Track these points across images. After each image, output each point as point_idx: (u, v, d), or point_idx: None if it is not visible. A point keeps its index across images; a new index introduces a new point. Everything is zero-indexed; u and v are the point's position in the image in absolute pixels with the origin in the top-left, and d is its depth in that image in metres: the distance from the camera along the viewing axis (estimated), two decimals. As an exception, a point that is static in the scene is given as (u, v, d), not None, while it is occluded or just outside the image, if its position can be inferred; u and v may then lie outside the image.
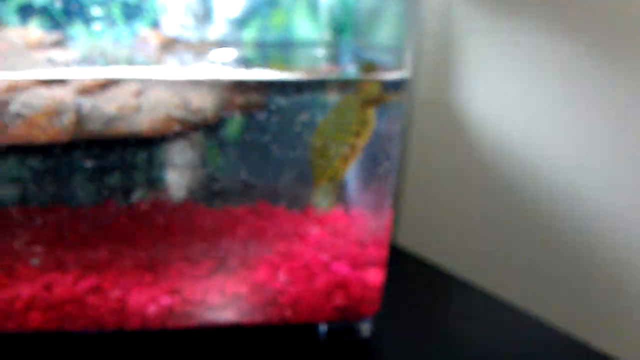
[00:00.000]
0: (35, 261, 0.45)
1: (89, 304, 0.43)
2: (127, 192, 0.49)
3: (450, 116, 0.59)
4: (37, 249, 0.45)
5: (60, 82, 0.42)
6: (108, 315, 0.43)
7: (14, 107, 0.41)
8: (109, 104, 0.42)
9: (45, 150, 0.44)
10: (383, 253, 0.45)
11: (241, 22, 0.53)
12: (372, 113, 0.43)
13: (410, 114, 0.59)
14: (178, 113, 0.43)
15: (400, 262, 0.60)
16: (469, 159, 0.58)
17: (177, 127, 0.43)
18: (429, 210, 0.63)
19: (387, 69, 0.44)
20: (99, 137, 0.43)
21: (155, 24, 0.52)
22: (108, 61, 0.47)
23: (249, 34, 0.54)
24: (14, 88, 0.41)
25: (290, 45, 0.54)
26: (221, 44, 0.52)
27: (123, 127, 0.42)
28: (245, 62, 0.51)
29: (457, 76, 0.57)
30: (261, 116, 0.47)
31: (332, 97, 0.49)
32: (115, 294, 0.43)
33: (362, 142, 0.43)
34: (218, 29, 0.53)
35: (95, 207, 0.48)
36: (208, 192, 0.49)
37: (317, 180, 0.46)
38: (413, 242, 0.64)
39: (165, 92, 0.43)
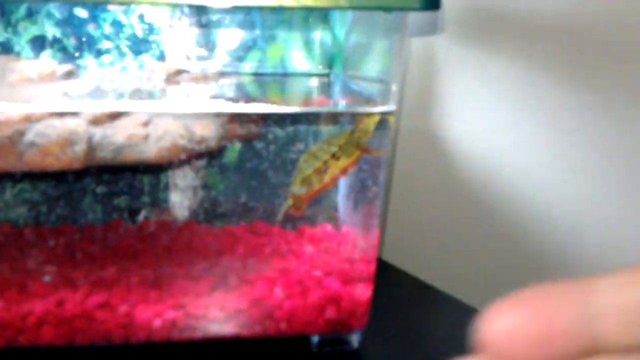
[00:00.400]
0: (47, 278, 0.48)
1: (97, 319, 0.46)
2: (134, 213, 0.53)
3: (432, 142, 0.62)
4: (49, 267, 0.48)
5: (73, 113, 0.45)
6: (116, 329, 0.46)
7: (28, 137, 0.44)
8: (118, 133, 0.45)
9: (58, 176, 0.48)
10: (371, 269, 0.49)
11: (241, 55, 0.57)
12: (357, 153, 0.47)
13: (395, 141, 0.62)
14: (183, 142, 0.46)
15: (386, 275, 0.63)
16: (450, 182, 0.62)
17: (182, 156, 0.46)
18: (411, 229, 0.67)
19: (375, 102, 0.48)
20: (109, 164, 0.46)
21: (161, 57, 0.55)
22: (118, 92, 0.50)
23: (248, 65, 0.57)
24: (29, 119, 0.44)
25: (286, 77, 0.58)
26: (222, 75, 0.56)
27: (131, 155, 0.46)
28: (245, 93, 0.55)
29: (440, 105, 0.61)
30: (259, 144, 0.50)
31: (324, 128, 0.53)
32: (123, 309, 0.46)
33: (339, 166, 0.47)
34: (220, 61, 0.57)
35: (104, 228, 0.52)
36: (209, 213, 0.52)
37: (290, 187, 0.49)
38: (397, 258, 0.67)
39: (171, 122, 0.47)
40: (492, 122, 0.58)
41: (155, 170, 0.50)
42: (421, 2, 0.39)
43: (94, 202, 0.51)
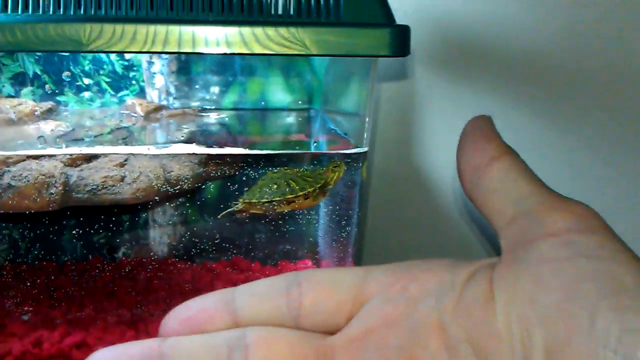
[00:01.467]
0: (25, 317, 0.49)
1: (74, 359, 0.46)
2: (111, 252, 0.53)
3: (409, 174, 0.63)
4: (27, 306, 0.49)
5: (49, 156, 0.46)
6: (92, 369, 0.46)
7: (5, 180, 0.44)
8: (94, 174, 0.46)
9: (35, 216, 0.48)
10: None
11: (221, 90, 0.57)
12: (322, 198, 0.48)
13: (369, 179, 0.63)
14: (159, 183, 0.47)
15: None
16: (429, 213, 0.62)
17: (157, 197, 0.47)
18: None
19: (349, 143, 0.48)
20: (86, 205, 0.47)
21: (141, 93, 0.56)
22: (96, 131, 0.51)
23: (228, 100, 0.58)
24: (6, 163, 0.45)
25: (266, 112, 0.58)
26: (202, 110, 0.57)
27: (107, 196, 0.46)
28: (225, 130, 0.55)
29: (418, 139, 0.62)
30: (238, 181, 0.51)
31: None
32: (99, 349, 0.47)
33: (303, 205, 0.48)
34: (200, 96, 0.57)
35: (83, 266, 0.52)
36: (188, 250, 0.53)
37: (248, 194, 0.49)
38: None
39: (147, 162, 0.47)
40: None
41: (132, 209, 0.50)
42: (390, 50, 0.40)
43: (72, 241, 0.51)
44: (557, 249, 0.24)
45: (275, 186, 0.48)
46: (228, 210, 0.49)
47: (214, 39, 0.38)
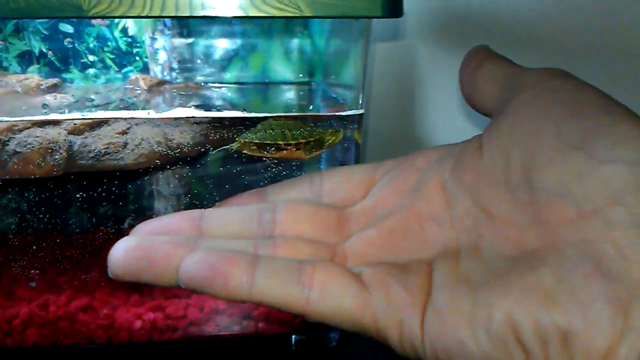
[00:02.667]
0: (33, 284, 0.50)
1: (80, 321, 0.48)
2: (115, 219, 0.54)
3: (404, 136, 0.63)
4: (34, 272, 0.50)
5: (54, 123, 0.47)
6: (98, 330, 0.48)
7: (11, 147, 0.46)
8: (97, 141, 0.47)
9: (39, 182, 0.49)
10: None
11: (223, 65, 0.58)
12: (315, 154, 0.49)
13: (364, 144, 0.64)
14: (159, 148, 0.48)
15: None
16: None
17: (158, 161, 0.48)
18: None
19: (344, 106, 0.49)
20: (89, 171, 0.48)
21: (144, 69, 0.57)
22: (100, 103, 0.52)
23: (230, 75, 0.59)
24: (11, 129, 0.46)
25: (268, 86, 0.59)
26: (204, 85, 0.58)
27: (110, 162, 0.47)
28: (227, 101, 0.56)
29: (414, 107, 0.62)
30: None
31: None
32: (104, 311, 0.48)
33: (293, 155, 0.49)
34: (202, 71, 0.58)
35: (86, 234, 0.53)
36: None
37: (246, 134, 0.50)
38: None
39: (149, 130, 0.48)
40: (464, 122, 0.59)
41: (136, 176, 0.51)
42: (383, 10, 0.40)
43: (77, 209, 0.53)
44: (531, 91, 0.27)
45: (272, 131, 0.48)
46: (223, 147, 0.50)
47: (211, 2, 0.39)
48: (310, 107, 0.55)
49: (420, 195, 0.30)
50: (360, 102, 0.47)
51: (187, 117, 0.48)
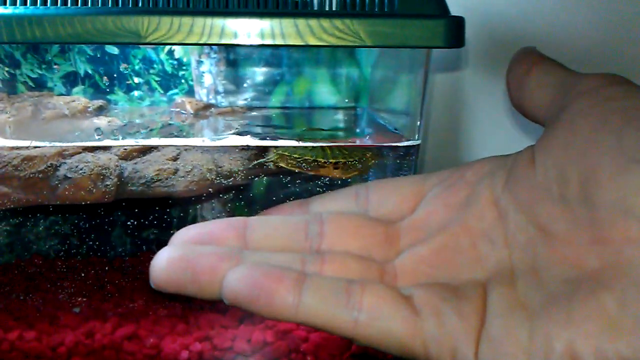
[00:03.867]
0: (77, 310, 0.49)
1: (125, 350, 0.47)
2: (158, 244, 0.54)
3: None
4: (80, 298, 0.49)
5: (104, 148, 0.47)
6: (144, 360, 0.47)
7: (61, 172, 0.45)
8: (148, 167, 0.47)
9: (88, 208, 0.49)
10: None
11: (268, 89, 0.58)
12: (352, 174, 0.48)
13: (422, 170, 0.63)
14: (211, 176, 0.47)
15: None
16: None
17: (209, 189, 0.47)
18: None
19: (400, 136, 0.48)
20: (139, 197, 0.47)
21: (190, 92, 0.57)
22: (150, 127, 0.52)
23: (276, 99, 0.58)
24: (62, 154, 0.46)
25: (313, 110, 0.59)
26: (250, 109, 0.57)
27: (161, 189, 0.46)
28: (273, 125, 0.56)
29: (466, 136, 0.61)
30: (285, 177, 0.51)
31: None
32: (150, 341, 0.47)
33: (328, 173, 0.48)
34: (247, 95, 0.58)
35: (133, 260, 0.53)
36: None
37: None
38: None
39: (199, 156, 0.48)
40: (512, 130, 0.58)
41: (184, 203, 0.51)
42: (445, 41, 0.40)
43: (123, 235, 0.52)
44: (587, 100, 0.26)
45: (312, 147, 0.48)
46: (260, 160, 0.50)
47: (269, 31, 0.38)
48: (365, 137, 0.54)
49: (472, 210, 0.29)
50: (417, 132, 0.46)
51: (239, 149, 0.48)
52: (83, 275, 0.50)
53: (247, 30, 0.38)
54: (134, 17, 0.38)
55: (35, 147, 0.45)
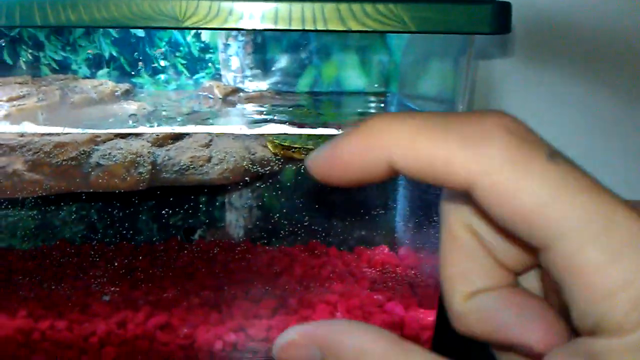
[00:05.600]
0: (106, 297, 0.48)
1: (159, 340, 0.46)
2: (189, 232, 0.53)
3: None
4: (110, 287, 0.48)
5: (137, 134, 0.45)
6: (177, 350, 0.46)
7: (94, 158, 0.44)
8: (181, 154, 0.45)
9: (116, 196, 0.48)
10: (435, 293, 0.48)
11: (296, 73, 0.56)
12: None
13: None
14: (245, 163, 0.46)
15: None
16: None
17: (245, 177, 0.46)
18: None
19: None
20: (171, 185, 0.46)
21: (217, 76, 0.55)
22: (176, 113, 0.50)
23: (304, 83, 0.57)
24: (94, 141, 0.45)
25: (342, 95, 0.57)
26: (278, 93, 0.56)
27: (195, 177, 0.45)
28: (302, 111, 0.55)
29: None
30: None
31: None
32: (184, 330, 0.46)
33: None
34: (275, 79, 0.57)
35: (162, 247, 0.52)
36: (265, 233, 0.52)
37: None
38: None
39: (231, 143, 0.47)
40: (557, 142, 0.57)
41: (215, 190, 0.50)
42: (491, 27, 0.38)
43: (151, 221, 0.51)
44: None
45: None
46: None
47: (311, 16, 0.37)
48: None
49: None
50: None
51: (280, 134, 0.47)
52: (113, 263, 0.49)
53: (288, 15, 0.37)
54: (171, 1, 0.37)
55: (67, 133, 0.44)
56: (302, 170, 0.51)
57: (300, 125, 0.47)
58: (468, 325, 0.21)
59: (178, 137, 0.47)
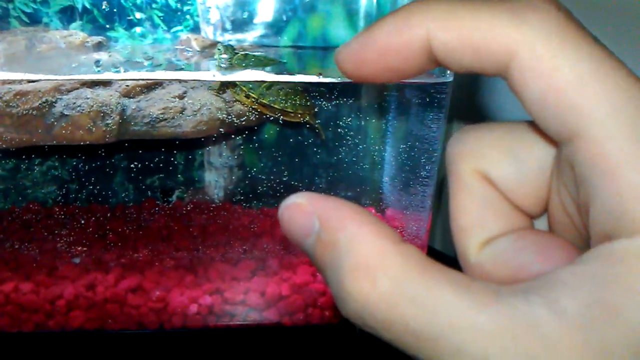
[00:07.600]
0: (77, 260, 0.46)
1: (130, 304, 0.43)
2: (167, 193, 0.50)
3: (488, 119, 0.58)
4: (79, 248, 0.46)
5: (105, 84, 0.42)
6: (149, 314, 0.43)
7: (58, 108, 0.41)
8: (152, 106, 0.43)
9: (87, 151, 0.45)
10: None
11: (279, 27, 0.53)
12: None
13: (450, 118, 0.59)
14: (221, 115, 0.43)
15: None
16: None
17: (220, 130, 0.43)
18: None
19: (431, 73, 0.44)
20: (142, 138, 0.43)
21: (195, 29, 0.52)
22: (151, 64, 0.47)
23: (287, 37, 0.54)
24: (59, 90, 0.42)
25: (327, 50, 0.54)
26: (260, 48, 0.53)
27: (167, 129, 0.43)
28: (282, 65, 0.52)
29: (497, 83, 0.57)
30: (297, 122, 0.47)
31: (363, 103, 0.49)
32: (157, 293, 0.44)
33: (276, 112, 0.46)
34: (257, 33, 0.53)
35: (136, 208, 0.49)
36: (245, 194, 0.49)
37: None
38: (450, 247, 0.64)
39: (207, 95, 0.44)
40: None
41: (189, 146, 0.47)
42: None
43: (126, 181, 0.48)
44: None
45: (283, 97, 0.46)
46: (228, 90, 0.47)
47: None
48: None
49: None
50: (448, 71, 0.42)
51: (258, 81, 0.44)
52: (82, 223, 0.46)
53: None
54: None
55: (30, 81, 0.41)
56: (282, 124, 0.48)
57: (279, 73, 0.44)
58: (484, 273, 0.20)
59: (150, 87, 0.44)
